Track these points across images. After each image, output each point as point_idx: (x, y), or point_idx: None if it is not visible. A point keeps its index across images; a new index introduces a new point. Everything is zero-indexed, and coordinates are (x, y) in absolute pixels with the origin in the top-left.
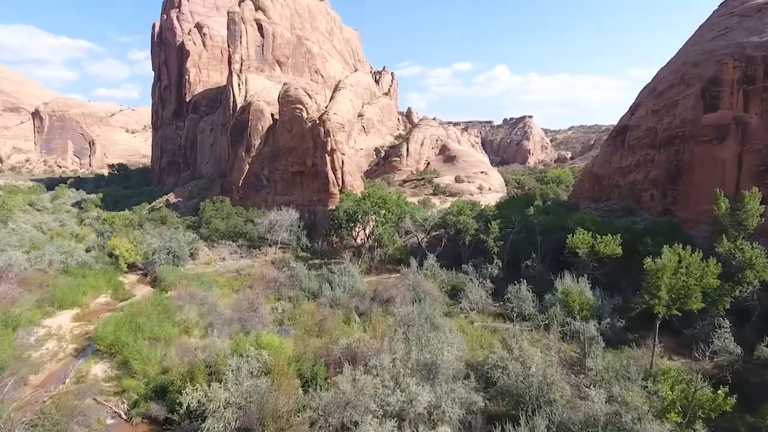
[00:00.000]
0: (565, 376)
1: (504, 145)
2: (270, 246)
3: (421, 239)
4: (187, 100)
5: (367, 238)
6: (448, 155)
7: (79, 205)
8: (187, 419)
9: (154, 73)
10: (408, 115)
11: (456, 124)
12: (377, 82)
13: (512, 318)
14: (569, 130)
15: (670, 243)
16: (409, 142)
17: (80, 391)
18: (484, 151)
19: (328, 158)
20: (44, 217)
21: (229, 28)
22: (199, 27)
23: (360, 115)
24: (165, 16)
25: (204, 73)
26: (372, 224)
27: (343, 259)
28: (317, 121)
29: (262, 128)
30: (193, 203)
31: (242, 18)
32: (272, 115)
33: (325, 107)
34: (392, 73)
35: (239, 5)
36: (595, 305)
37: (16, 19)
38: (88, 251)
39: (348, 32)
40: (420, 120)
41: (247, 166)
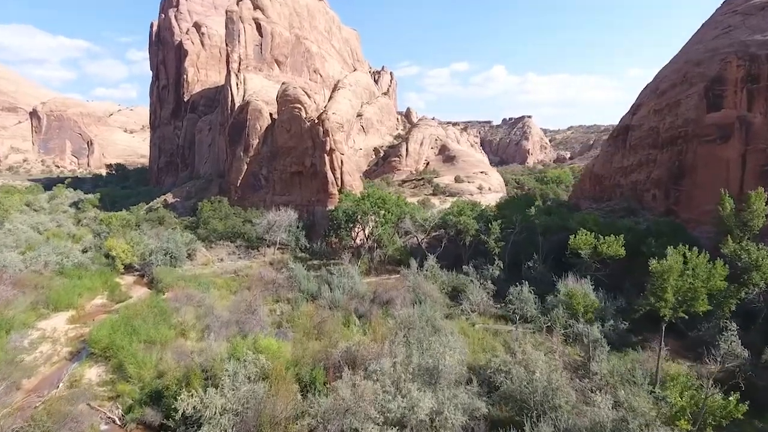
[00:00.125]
0: (570, 381)
1: (503, 145)
2: (268, 247)
3: (420, 240)
4: (186, 99)
5: (367, 239)
6: (447, 155)
7: (76, 205)
8: (183, 425)
9: (152, 72)
10: (407, 115)
11: (455, 124)
12: (376, 81)
13: (514, 320)
14: (568, 130)
15: (673, 244)
16: (409, 142)
17: (73, 396)
18: (483, 151)
19: (326, 158)
20: (41, 218)
21: (227, 27)
22: (198, 26)
23: (359, 115)
24: (163, 16)
25: (202, 73)
26: (371, 225)
27: (343, 259)
28: (316, 121)
29: (260, 128)
30: (191, 203)
31: (240, 17)
32: (271, 114)
33: (324, 107)
34: (391, 73)
35: (237, 4)
36: (598, 307)
37: (14, 19)
38: (85, 252)
39: (347, 32)
40: (419, 120)
41: (246, 166)
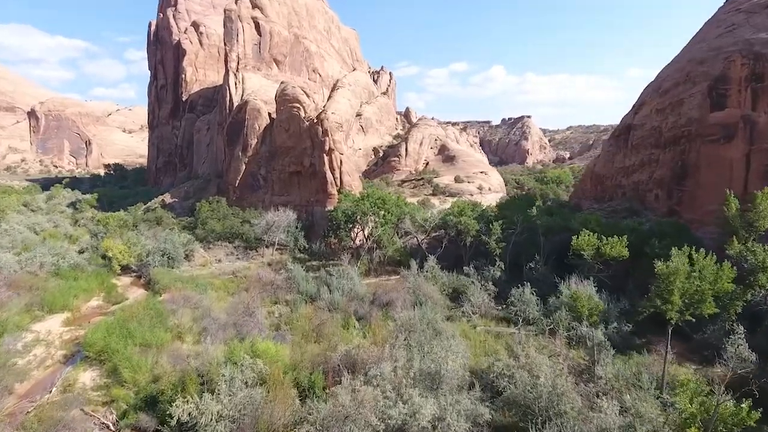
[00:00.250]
0: (574, 386)
1: (502, 145)
2: (267, 247)
3: (420, 240)
4: (184, 99)
5: (366, 240)
6: (447, 155)
7: (74, 205)
8: None
9: (150, 72)
10: (406, 115)
11: (454, 124)
12: (375, 81)
13: (516, 322)
14: (567, 130)
15: (677, 245)
16: (408, 142)
17: (67, 401)
18: (482, 151)
19: (326, 158)
20: (38, 218)
21: (225, 26)
22: (196, 26)
23: (358, 115)
24: (161, 15)
25: (201, 72)
26: (371, 225)
27: (342, 260)
28: (315, 121)
29: (258, 127)
30: (189, 204)
31: (239, 16)
32: (269, 114)
33: (323, 106)
34: (390, 73)
35: (236, 3)
36: (602, 310)
37: (13, 19)
38: (82, 253)
39: (346, 31)
40: (419, 119)
41: (244, 166)
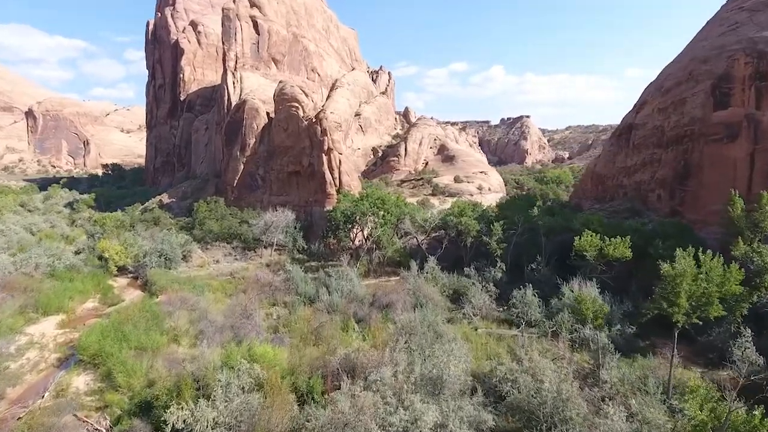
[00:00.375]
0: (579, 390)
1: (501, 144)
2: (265, 248)
3: (420, 241)
4: (182, 99)
5: (366, 240)
6: (446, 155)
7: (71, 205)
8: None
9: (148, 72)
10: (405, 115)
11: (453, 124)
12: (374, 81)
13: (518, 324)
14: (566, 130)
15: (681, 246)
16: (407, 142)
17: (59, 407)
18: (481, 151)
19: (324, 158)
20: (35, 218)
21: (223, 25)
22: (194, 25)
23: (357, 115)
24: (159, 14)
25: (199, 72)
26: (370, 226)
27: (341, 261)
28: (314, 120)
29: (257, 127)
30: (187, 204)
31: (237, 15)
32: (268, 113)
33: (322, 106)
34: (389, 73)
35: (234, 2)
36: (607, 312)
37: (12, 18)
38: (78, 253)
39: (345, 31)
40: (418, 119)
41: (242, 166)
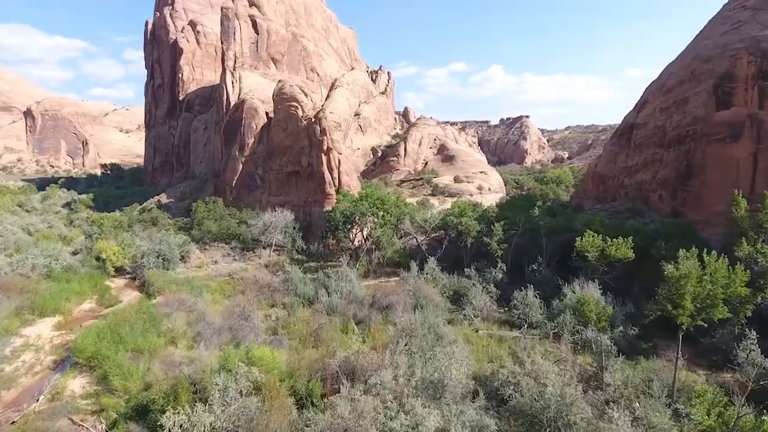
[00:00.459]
0: (582, 393)
1: (501, 145)
2: (264, 248)
3: (420, 241)
4: (181, 98)
5: (365, 241)
6: (446, 155)
7: (69, 206)
8: None
9: (147, 71)
10: (405, 115)
11: (453, 124)
12: (373, 81)
13: (519, 325)
14: (566, 130)
15: (684, 246)
16: (407, 142)
17: (54, 410)
18: (481, 151)
19: (324, 158)
20: (32, 219)
21: (222, 24)
22: (193, 24)
23: (357, 114)
24: (158, 14)
25: (198, 72)
26: (370, 226)
27: (340, 262)
28: (313, 120)
29: (256, 127)
30: (185, 204)
31: (236, 14)
32: (267, 113)
33: (321, 105)
34: (388, 73)
35: (233, 1)
36: (610, 315)
37: (11, 18)
38: (75, 254)
39: (344, 31)
40: (417, 119)
41: (241, 166)
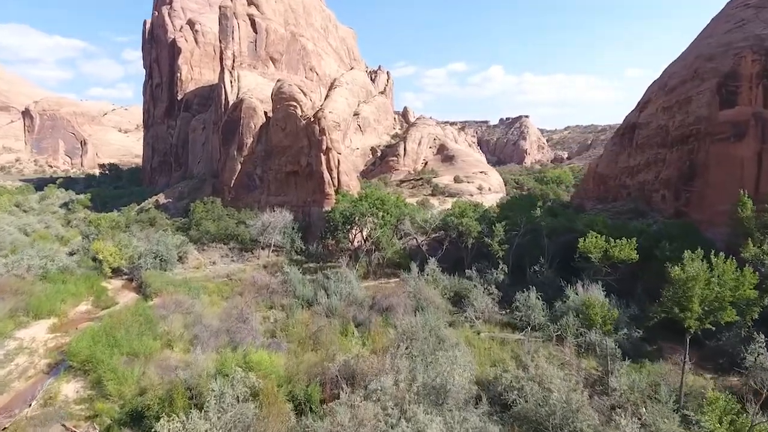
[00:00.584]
0: (588, 399)
1: (500, 144)
2: (263, 249)
3: (420, 242)
4: (179, 98)
5: (365, 241)
6: (446, 155)
7: (67, 206)
8: None
9: (145, 71)
10: (404, 115)
11: (452, 124)
12: (373, 81)
13: (521, 328)
14: (565, 130)
15: (688, 247)
16: (407, 142)
17: (47, 416)
18: (480, 151)
19: (323, 157)
20: (29, 219)
21: (220, 23)
22: (191, 24)
23: (356, 114)
24: (156, 13)
25: (196, 71)
26: (369, 226)
27: (340, 262)
28: (312, 119)
29: (254, 126)
30: (184, 204)
31: (234, 13)
32: (265, 113)
33: (320, 105)
34: (388, 72)
35: (231, 0)
36: (616, 318)
37: (10, 18)
38: (72, 255)
39: (343, 30)
40: (417, 119)
41: (239, 166)
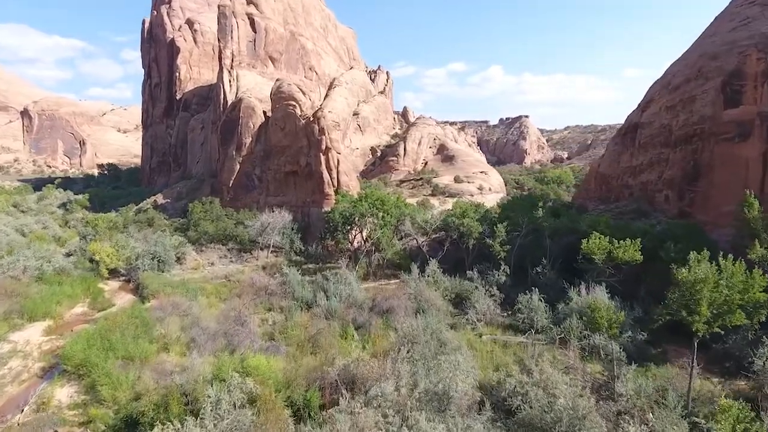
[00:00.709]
0: (595, 405)
1: (500, 144)
2: (262, 250)
3: (421, 243)
4: (178, 98)
5: (365, 242)
6: (446, 155)
7: (65, 206)
8: None
9: (144, 70)
10: (404, 114)
11: (452, 124)
12: (372, 81)
13: (523, 330)
14: (565, 130)
15: (693, 248)
16: (407, 141)
17: (39, 422)
18: (480, 151)
19: (322, 157)
20: (26, 219)
21: (219, 22)
22: (190, 23)
23: (355, 114)
24: (155, 12)
25: (195, 71)
26: (369, 227)
27: (339, 263)
28: (311, 119)
29: (253, 126)
30: (182, 204)
31: (233, 12)
32: (264, 112)
33: (320, 105)
34: (387, 72)
35: None
36: (623, 321)
37: (9, 18)
38: (69, 256)
39: (343, 30)
40: (417, 119)
41: (238, 166)
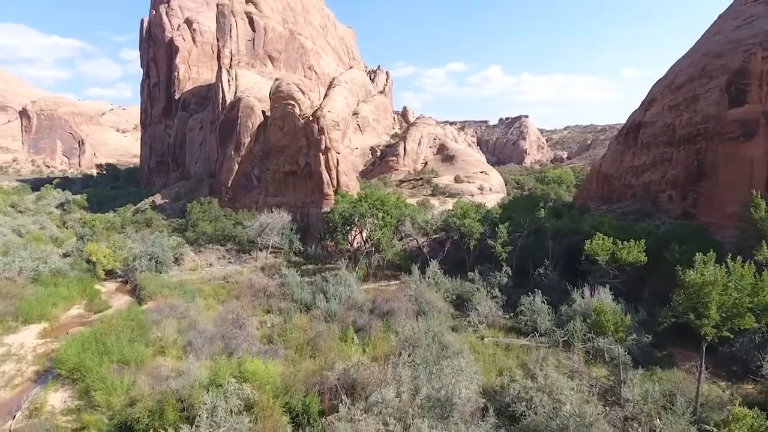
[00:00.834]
0: (602, 411)
1: (500, 144)
2: (260, 250)
3: (421, 243)
4: (177, 97)
5: (364, 243)
6: (446, 155)
7: (63, 206)
8: None
9: (142, 70)
10: (403, 114)
11: (452, 124)
12: (372, 81)
13: (526, 333)
14: (565, 129)
15: (698, 249)
16: (406, 141)
17: (32, 428)
18: (480, 151)
19: (322, 157)
20: (24, 220)
21: (218, 21)
22: (189, 22)
23: (355, 114)
24: (154, 12)
25: (194, 70)
26: (369, 227)
27: (339, 264)
28: (311, 119)
29: (252, 125)
30: (180, 205)
31: (232, 11)
32: (263, 112)
33: (319, 104)
34: (387, 72)
35: None
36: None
37: (8, 18)
38: (66, 256)
39: (342, 30)
40: (417, 118)
41: (237, 166)
